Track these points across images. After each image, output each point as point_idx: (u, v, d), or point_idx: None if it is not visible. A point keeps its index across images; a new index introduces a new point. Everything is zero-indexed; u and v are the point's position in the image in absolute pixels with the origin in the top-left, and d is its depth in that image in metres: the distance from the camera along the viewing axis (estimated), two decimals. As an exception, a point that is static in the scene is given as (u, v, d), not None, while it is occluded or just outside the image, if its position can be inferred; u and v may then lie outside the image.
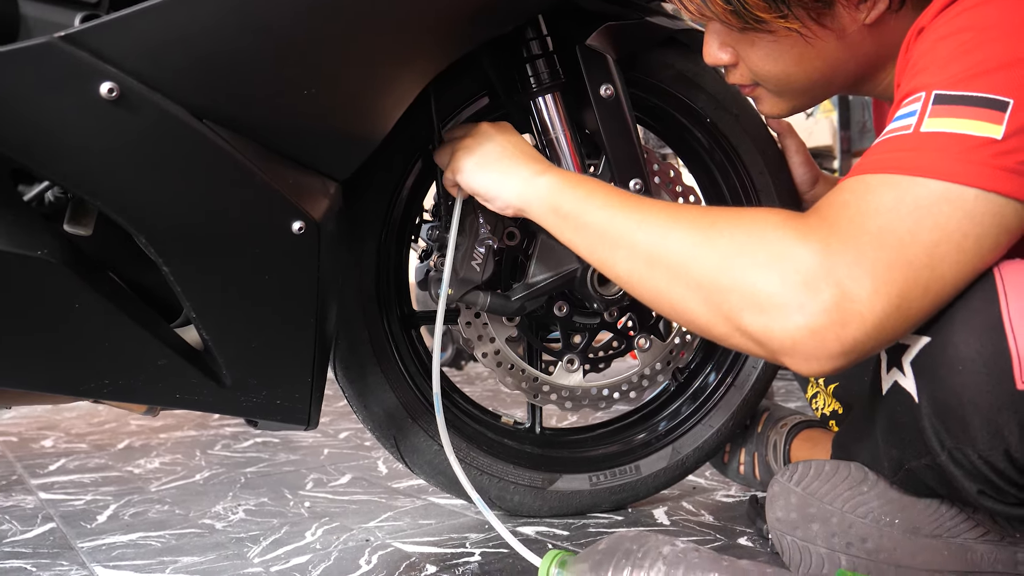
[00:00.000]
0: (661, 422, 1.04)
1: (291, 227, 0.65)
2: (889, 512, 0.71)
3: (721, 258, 0.61)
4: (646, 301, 0.69)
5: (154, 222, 0.61)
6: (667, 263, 0.64)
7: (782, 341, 0.58)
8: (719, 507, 1.03)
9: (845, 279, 0.56)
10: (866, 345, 0.57)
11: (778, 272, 0.57)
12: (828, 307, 0.56)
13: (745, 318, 0.59)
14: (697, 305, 0.63)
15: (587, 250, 0.71)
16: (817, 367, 0.58)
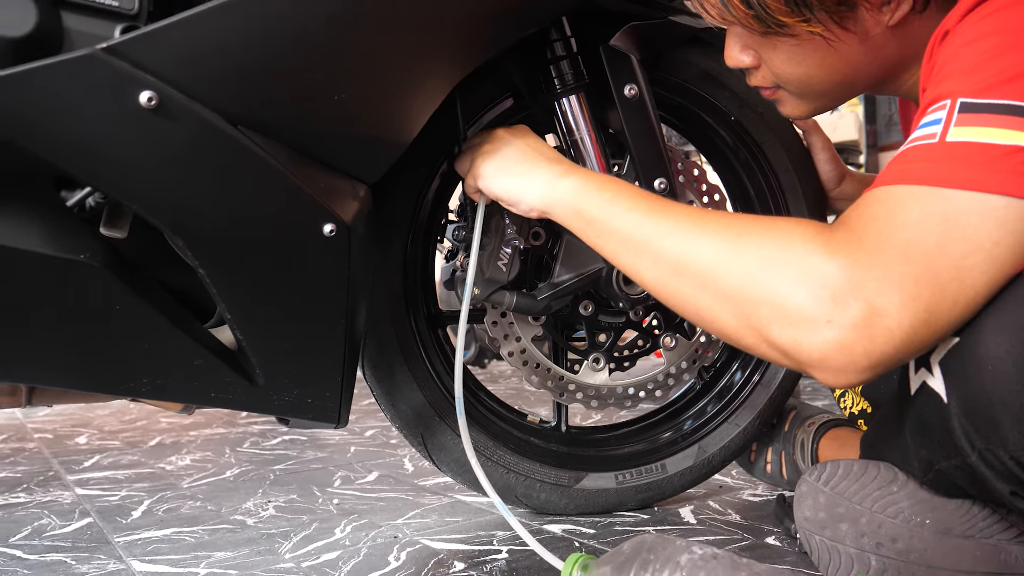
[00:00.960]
0: (687, 421, 1.04)
1: (322, 230, 0.66)
2: (920, 512, 0.70)
3: (749, 270, 0.61)
4: (672, 307, 0.69)
5: (190, 225, 0.62)
6: (694, 272, 0.65)
7: (811, 355, 0.58)
8: (746, 506, 1.03)
9: (873, 294, 0.56)
10: (894, 358, 0.57)
11: (806, 286, 0.58)
12: (856, 322, 0.56)
13: (774, 331, 0.60)
14: (725, 315, 0.63)
15: (612, 254, 0.72)
16: (845, 380, 0.59)
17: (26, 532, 0.99)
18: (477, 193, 0.83)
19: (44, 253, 0.59)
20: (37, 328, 0.62)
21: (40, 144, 0.56)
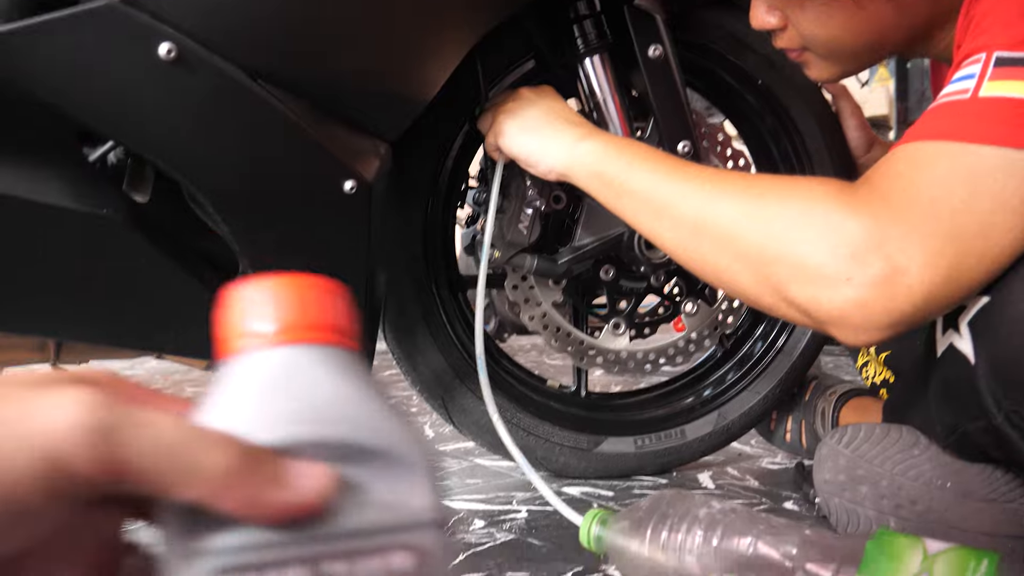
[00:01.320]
0: (707, 387, 1.03)
1: (343, 187, 0.66)
2: (941, 476, 0.70)
3: (769, 229, 0.61)
4: (692, 269, 0.69)
5: (211, 179, 0.63)
6: (713, 233, 0.64)
7: (829, 312, 0.58)
8: (764, 473, 1.02)
9: (895, 252, 0.55)
10: (915, 316, 0.56)
11: (827, 244, 0.57)
12: (877, 280, 0.55)
13: (792, 289, 0.59)
14: (744, 275, 0.63)
15: (632, 217, 0.71)
16: (865, 338, 0.58)
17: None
18: (497, 152, 0.83)
19: (67, 207, 0.59)
20: (62, 283, 0.63)
21: (59, 97, 0.56)
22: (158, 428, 0.21)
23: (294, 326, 0.24)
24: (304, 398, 0.24)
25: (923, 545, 0.48)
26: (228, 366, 0.24)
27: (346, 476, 0.23)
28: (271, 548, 0.22)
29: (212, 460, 0.21)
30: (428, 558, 0.23)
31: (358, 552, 0.23)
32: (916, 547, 0.48)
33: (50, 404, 0.20)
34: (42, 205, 0.58)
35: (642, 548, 0.58)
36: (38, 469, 0.20)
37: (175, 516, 0.23)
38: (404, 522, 0.23)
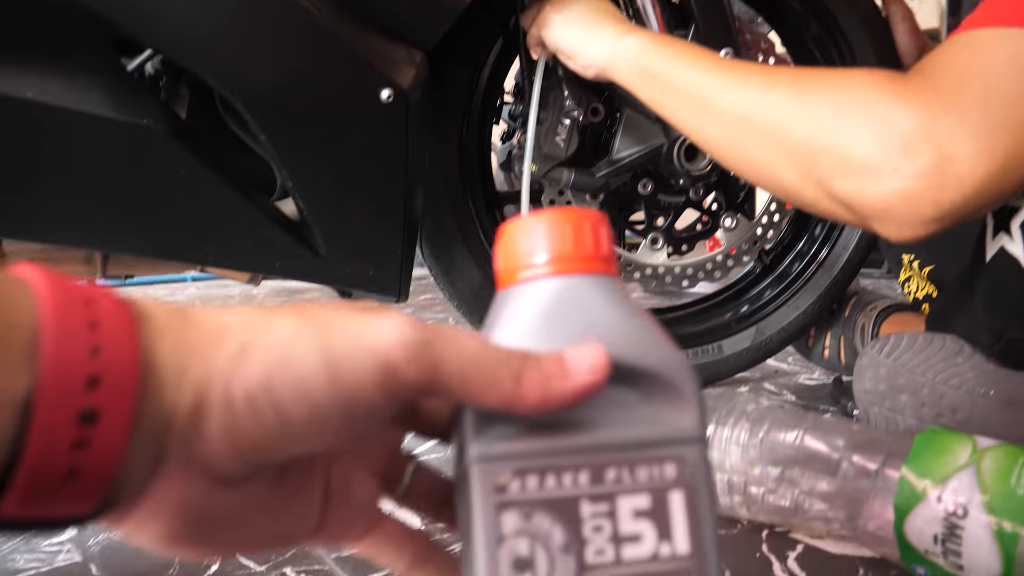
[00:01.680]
0: (745, 303, 1.03)
1: (380, 96, 0.66)
2: (984, 384, 0.69)
3: (816, 121, 0.59)
4: (732, 166, 0.67)
5: (249, 88, 0.62)
6: (758, 126, 0.62)
7: (874, 205, 0.56)
8: (801, 388, 1.03)
9: (946, 141, 0.53)
10: (964, 210, 0.54)
11: (875, 135, 0.55)
12: (926, 170, 0.53)
13: (837, 182, 0.57)
14: (787, 170, 0.61)
15: (673, 112, 0.70)
16: (909, 232, 0.56)
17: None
18: (539, 47, 0.82)
19: (108, 116, 0.60)
20: (104, 194, 0.63)
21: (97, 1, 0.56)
22: (463, 343, 0.25)
23: (568, 257, 0.27)
24: (580, 324, 0.26)
25: (973, 440, 0.48)
26: (508, 295, 0.27)
27: (622, 393, 0.26)
28: (558, 453, 0.25)
29: (508, 368, 0.24)
30: (693, 470, 0.26)
31: (634, 461, 0.25)
32: (966, 442, 0.48)
33: (382, 323, 0.24)
34: (83, 114, 0.59)
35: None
36: (377, 372, 0.24)
37: (470, 424, 0.26)
38: (673, 437, 0.26)
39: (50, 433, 0.21)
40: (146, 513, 0.24)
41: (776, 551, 0.56)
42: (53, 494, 0.21)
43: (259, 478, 0.26)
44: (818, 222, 1.03)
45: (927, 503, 0.47)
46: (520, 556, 0.25)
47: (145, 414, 0.23)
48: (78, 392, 0.21)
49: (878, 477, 0.50)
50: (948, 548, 0.46)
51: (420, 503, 0.33)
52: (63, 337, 0.21)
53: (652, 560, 0.25)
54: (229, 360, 0.24)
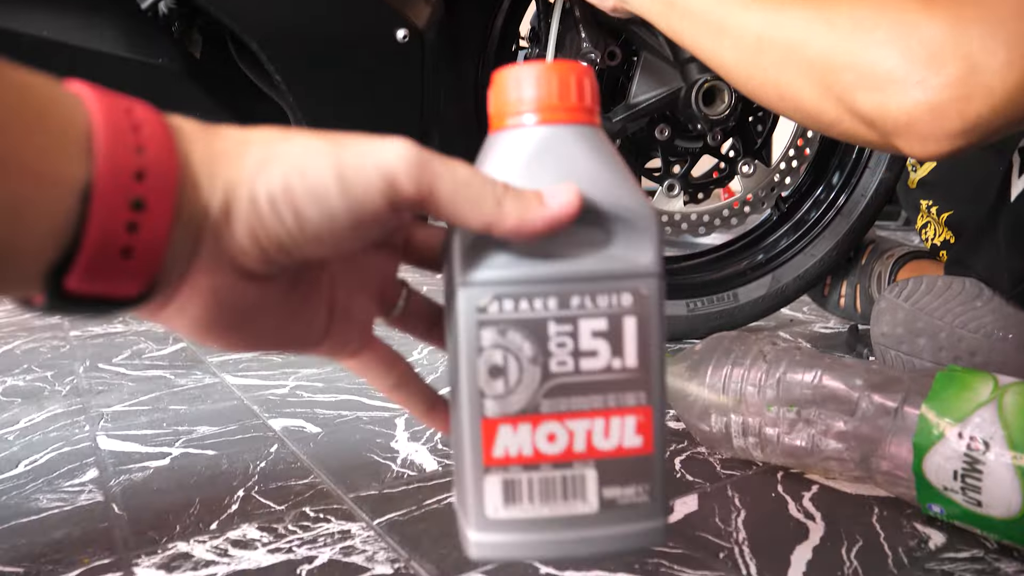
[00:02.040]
0: (761, 251, 1.02)
1: (396, 35, 0.65)
2: (1003, 327, 0.69)
3: (836, 35, 0.56)
4: (751, 90, 0.65)
5: (264, 28, 0.61)
6: (778, 45, 0.60)
7: (897, 119, 0.53)
8: (816, 336, 1.02)
9: (975, 50, 0.50)
10: (992, 123, 0.52)
11: (899, 46, 0.53)
12: (952, 81, 0.51)
13: (859, 97, 0.55)
14: (807, 87, 0.59)
15: (691, 39, 0.68)
16: (934, 148, 0.54)
17: (127, 354, 1.07)
18: None
19: (123, 56, 0.59)
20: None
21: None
22: (457, 168, 0.28)
23: (553, 107, 0.30)
24: (559, 168, 0.30)
25: (994, 378, 0.48)
26: (496, 139, 0.31)
27: (591, 232, 0.30)
28: (531, 282, 0.30)
29: (492, 191, 0.28)
30: (646, 301, 0.30)
31: (596, 290, 0.30)
32: (987, 379, 0.48)
33: (388, 143, 0.28)
34: (99, 53, 0.58)
35: (701, 387, 0.59)
36: (380, 184, 0.27)
37: (459, 254, 0.30)
38: (632, 271, 0.30)
39: (107, 215, 0.24)
40: (184, 300, 0.28)
41: (791, 491, 0.57)
42: (110, 271, 0.25)
43: (277, 281, 0.30)
44: (836, 169, 1.02)
45: (947, 440, 0.47)
46: (495, 364, 0.30)
47: (183, 208, 0.26)
48: (128, 183, 0.25)
49: (898, 416, 0.50)
50: (968, 484, 0.46)
51: (412, 325, 0.37)
52: (113, 137, 0.25)
53: (606, 371, 0.30)
54: (253, 168, 0.27)
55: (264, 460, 0.66)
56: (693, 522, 0.53)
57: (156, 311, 0.29)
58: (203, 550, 0.51)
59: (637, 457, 0.31)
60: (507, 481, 0.30)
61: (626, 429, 0.31)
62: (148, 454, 0.68)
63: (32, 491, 0.61)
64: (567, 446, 0.30)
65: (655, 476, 0.31)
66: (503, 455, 0.30)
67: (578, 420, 0.30)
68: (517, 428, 0.30)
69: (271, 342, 0.32)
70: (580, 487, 0.31)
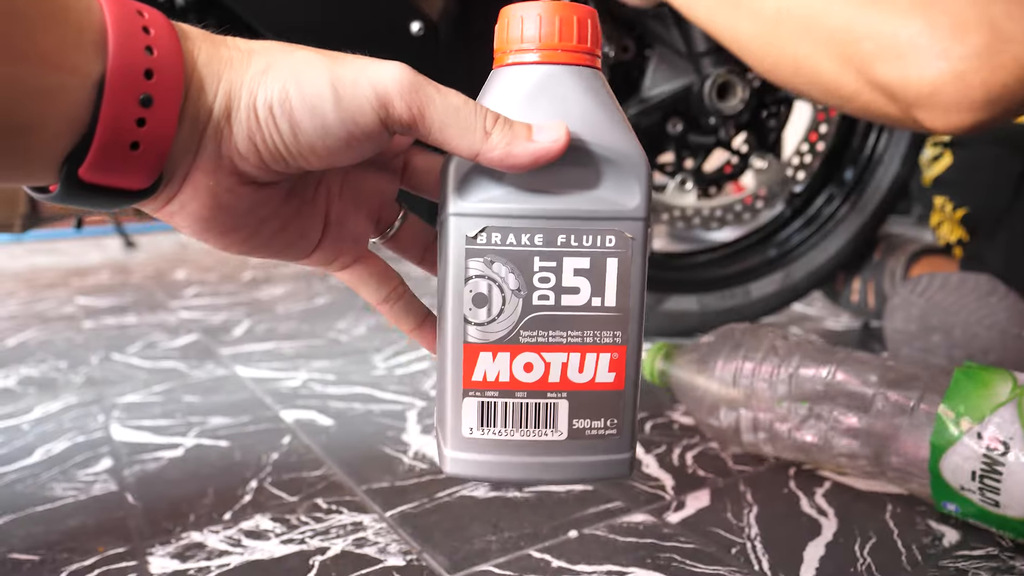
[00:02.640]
0: (774, 246, 1.02)
1: (411, 28, 0.65)
2: (1018, 324, 0.69)
3: (857, 5, 0.55)
4: (766, 67, 0.64)
5: (279, 20, 0.62)
6: (796, 16, 0.59)
7: (919, 88, 0.52)
8: (828, 333, 1.02)
9: (1001, 18, 0.49)
10: (1017, 94, 0.50)
11: (922, 15, 0.51)
12: (978, 50, 0.49)
13: (878, 68, 0.54)
14: (825, 59, 0.57)
15: (707, 14, 0.66)
16: (957, 120, 0.52)
17: (140, 345, 1.07)
18: None
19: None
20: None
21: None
22: (449, 95, 0.29)
23: (554, 47, 0.31)
24: (555, 107, 0.30)
25: (1013, 376, 0.48)
26: (499, 74, 0.32)
27: (582, 173, 0.31)
28: (519, 216, 0.31)
29: (482, 120, 0.29)
30: (629, 243, 0.31)
31: (581, 230, 0.31)
32: (1006, 378, 0.48)
33: (384, 64, 0.29)
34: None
35: (711, 380, 0.59)
36: (373, 101, 0.28)
37: (452, 184, 0.31)
38: (617, 214, 0.31)
39: (118, 109, 0.26)
40: (185, 198, 0.30)
41: (803, 487, 0.57)
42: (120, 161, 0.27)
43: (275, 188, 0.32)
44: (849, 164, 1.01)
45: (966, 440, 0.47)
46: (480, 293, 0.31)
47: (187, 107, 0.28)
48: (138, 79, 0.26)
49: (914, 414, 0.50)
50: (986, 485, 0.46)
51: (406, 248, 0.38)
52: (124, 37, 0.26)
53: (585, 308, 0.31)
54: (254, 76, 0.28)
55: (277, 452, 0.66)
56: (705, 517, 0.53)
57: (159, 207, 0.31)
58: (216, 540, 0.51)
59: (608, 392, 0.32)
60: (484, 404, 0.32)
61: (600, 365, 0.32)
62: (162, 444, 0.69)
63: (47, 480, 0.62)
64: (543, 376, 0.32)
65: (624, 412, 0.33)
66: (482, 379, 0.32)
67: (555, 353, 0.32)
68: (496, 355, 0.32)
69: (264, 247, 0.33)
70: (552, 415, 0.32)
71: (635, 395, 0.33)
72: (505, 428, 0.32)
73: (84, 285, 1.55)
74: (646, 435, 0.67)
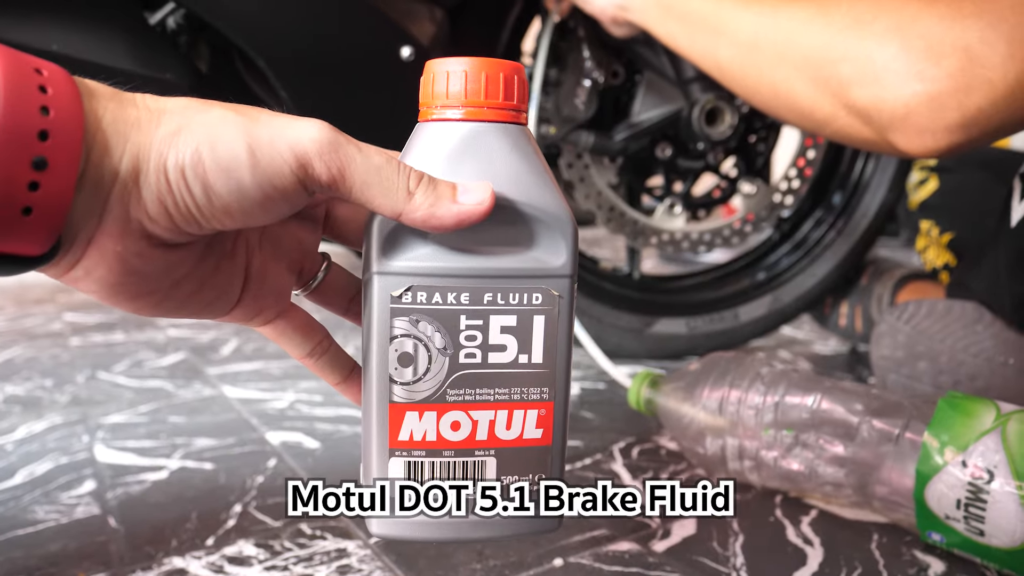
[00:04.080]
0: (762, 270, 1.03)
1: (401, 53, 0.65)
2: (1004, 352, 0.69)
3: (834, 29, 0.55)
4: (744, 91, 0.64)
5: (270, 44, 0.62)
6: (773, 41, 0.59)
7: (894, 112, 0.52)
8: (816, 357, 1.02)
9: (975, 43, 0.49)
10: (991, 118, 0.50)
11: (898, 38, 0.51)
12: (952, 72, 0.50)
13: (854, 91, 0.54)
14: (801, 83, 0.58)
15: (688, 41, 0.67)
16: (931, 142, 0.52)
17: (127, 364, 1.06)
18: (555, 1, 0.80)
19: (131, 70, 0.59)
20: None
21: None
22: (370, 152, 0.29)
23: (479, 104, 0.30)
24: (480, 166, 0.30)
25: (996, 405, 0.48)
26: (423, 128, 0.32)
27: (508, 231, 0.31)
28: (445, 275, 0.30)
29: (405, 180, 0.29)
30: (558, 301, 0.31)
31: (508, 288, 0.31)
32: (989, 407, 0.48)
33: (303, 123, 0.28)
34: (106, 67, 0.58)
35: (697, 408, 0.59)
36: (292, 162, 0.28)
37: (377, 240, 0.30)
38: (545, 272, 0.31)
39: (8, 172, 0.24)
40: (90, 263, 0.28)
41: (790, 516, 0.57)
42: (11, 228, 0.25)
43: (188, 248, 0.30)
44: (837, 190, 1.02)
45: (951, 468, 0.47)
46: (405, 352, 0.31)
47: (89, 169, 0.26)
48: (30, 142, 0.25)
49: (899, 442, 0.50)
50: (971, 513, 0.46)
51: (330, 299, 0.37)
52: (16, 96, 0.24)
53: (512, 365, 0.31)
54: (165, 137, 0.27)
55: (262, 475, 0.66)
56: (691, 546, 0.52)
57: (62, 273, 0.29)
58: (199, 566, 0.51)
59: (536, 448, 0.32)
60: (410, 463, 0.32)
61: (528, 422, 0.32)
62: (146, 467, 0.68)
63: (29, 502, 0.61)
64: (470, 434, 0.31)
65: (552, 467, 0.32)
66: (408, 439, 0.31)
67: (482, 411, 0.31)
68: (423, 415, 0.31)
69: (180, 308, 0.32)
70: (480, 473, 0.32)
71: (562, 450, 0.33)
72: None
73: (72, 301, 1.54)
74: (632, 460, 0.67)
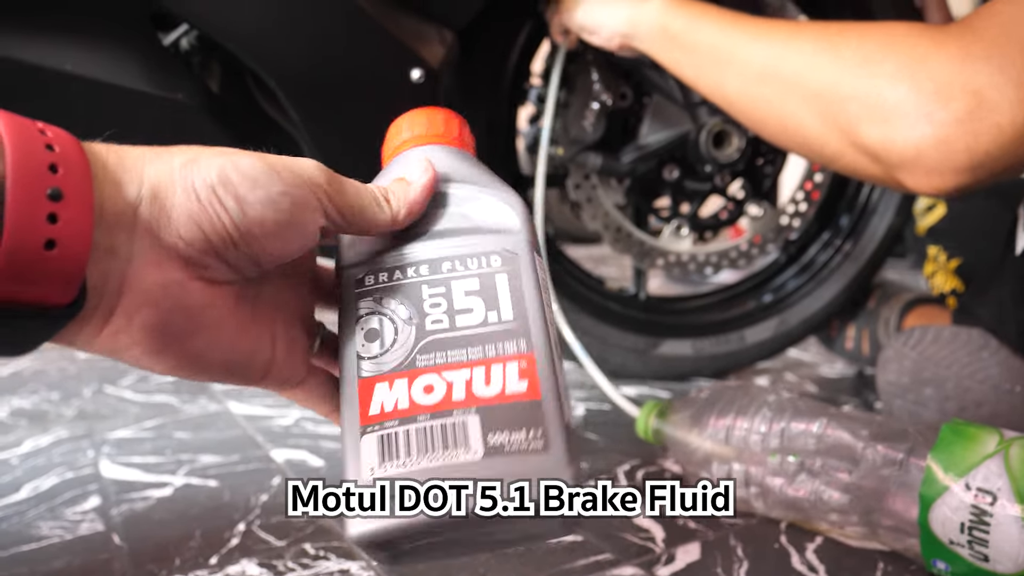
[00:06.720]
0: (769, 292, 1.03)
1: (410, 75, 0.66)
2: (1010, 379, 0.69)
3: (844, 66, 0.56)
4: (754, 121, 0.65)
5: (281, 66, 0.62)
6: (782, 75, 0.59)
7: (903, 152, 0.52)
8: (823, 380, 1.02)
9: (985, 87, 0.50)
10: (1000, 161, 0.51)
11: (907, 79, 0.52)
12: (961, 116, 0.50)
13: (863, 129, 0.54)
14: (810, 118, 0.58)
15: (694, 71, 0.67)
16: (939, 182, 0.53)
17: (133, 378, 1.07)
18: (561, 35, 0.81)
19: (144, 91, 0.60)
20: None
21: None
22: (356, 186, 0.32)
23: (427, 135, 0.36)
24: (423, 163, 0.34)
25: (999, 432, 0.48)
26: (391, 162, 0.36)
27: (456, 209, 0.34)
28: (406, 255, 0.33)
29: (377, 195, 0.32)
30: (517, 258, 0.33)
31: (467, 254, 0.33)
32: (992, 432, 0.48)
33: (302, 159, 0.30)
34: (120, 88, 0.59)
35: (704, 438, 0.59)
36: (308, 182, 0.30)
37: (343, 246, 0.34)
38: (500, 230, 0.33)
39: (25, 206, 0.24)
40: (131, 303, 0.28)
41: (795, 542, 0.56)
42: (35, 265, 0.24)
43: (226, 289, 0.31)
44: (844, 213, 1.02)
45: (954, 491, 0.47)
46: (372, 328, 0.32)
47: (106, 203, 0.27)
48: (42, 174, 0.25)
49: (903, 467, 0.50)
50: (975, 537, 0.46)
51: (330, 361, 0.38)
52: (22, 138, 0.25)
53: (482, 324, 0.31)
54: (184, 165, 0.28)
55: (266, 493, 0.66)
56: (695, 571, 0.52)
57: (99, 328, 0.28)
58: (202, 586, 0.51)
59: (525, 403, 0.30)
60: (383, 436, 0.30)
61: (508, 375, 0.30)
62: (151, 483, 0.68)
63: (34, 518, 0.62)
64: (445, 395, 0.30)
65: (549, 422, 0.30)
66: (379, 411, 0.30)
67: (456, 371, 0.30)
68: (393, 383, 0.30)
69: (216, 366, 0.32)
70: (461, 434, 0.29)
71: (558, 405, 0.30)
72: (409, 458, 0.29)
73: (80, 314, 1.55)
74: (637, 483, 0.67)
